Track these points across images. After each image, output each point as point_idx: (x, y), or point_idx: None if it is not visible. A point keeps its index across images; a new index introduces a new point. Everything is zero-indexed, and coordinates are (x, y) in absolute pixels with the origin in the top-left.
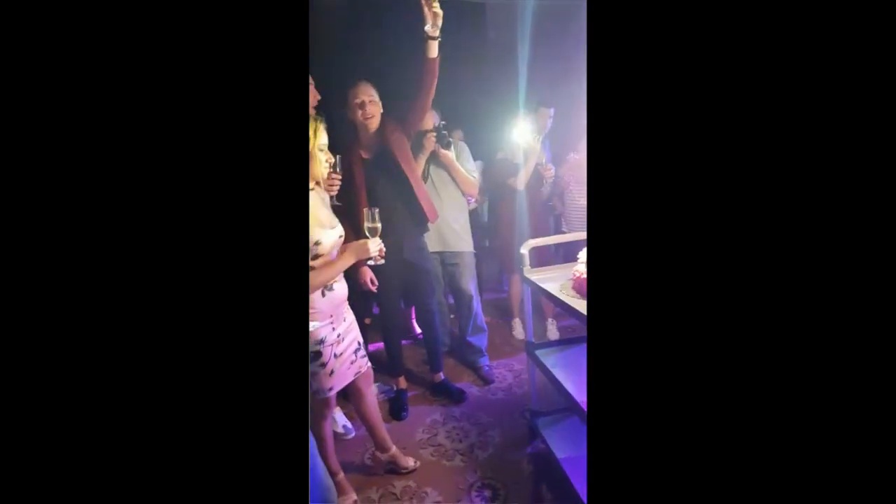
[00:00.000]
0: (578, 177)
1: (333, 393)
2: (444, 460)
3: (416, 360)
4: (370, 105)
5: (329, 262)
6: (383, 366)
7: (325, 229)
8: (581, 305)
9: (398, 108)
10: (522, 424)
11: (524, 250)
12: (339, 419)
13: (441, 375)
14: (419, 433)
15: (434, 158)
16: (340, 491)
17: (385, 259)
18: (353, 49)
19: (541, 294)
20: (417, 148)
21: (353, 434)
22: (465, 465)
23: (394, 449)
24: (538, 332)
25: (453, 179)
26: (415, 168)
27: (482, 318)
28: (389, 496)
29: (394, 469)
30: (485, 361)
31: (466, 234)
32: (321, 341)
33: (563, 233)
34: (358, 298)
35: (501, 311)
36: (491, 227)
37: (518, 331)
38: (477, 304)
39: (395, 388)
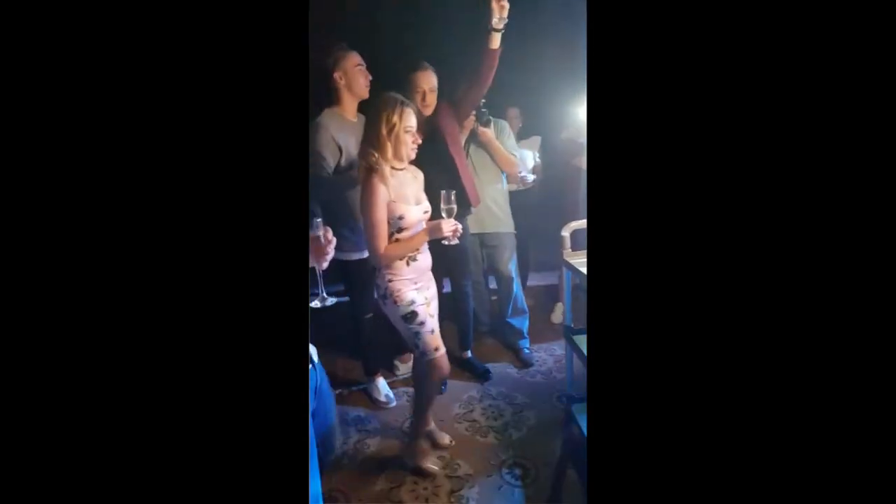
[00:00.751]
0: None
1: (442, 353)
2: (479, 436)
3: (455, 338)
4: (430, 95)
5: (409, 237)
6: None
7: (409, 205)
8: None
9: (452, 92)
10: (558, 409)
11: (565, 233)
12: (382, 388)
13: (468, 353)
14: (456, 408)
15: (474, 137)
16: (432, 443)
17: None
18: (411, 30)
19: (578, 277)
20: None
21: (394, 403)
22: (499, 443)
23: (432, 424)
24: (579, 317)
25: (493, 158)
26: (462, 154)
27: (523, 301)
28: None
29: (418, 471)
30: (524, 344)
31: (506, 215)
32: (412, 301)
33: None
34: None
35: (553, 295)
36: (548, 207)
37: (557, 315)
38: (517, 287)
39: None
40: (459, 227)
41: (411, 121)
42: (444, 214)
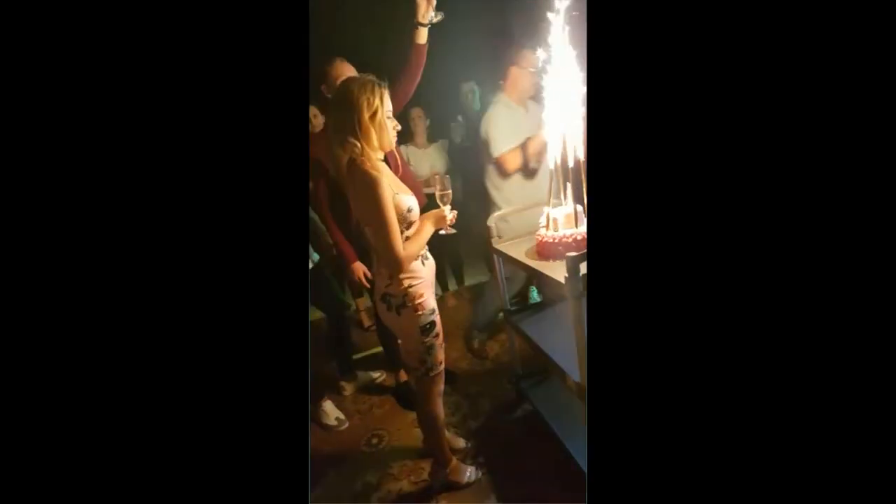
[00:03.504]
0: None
1: (443, 365)
2: None
3: None
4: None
5: (416, 231)
6: (382, 361)
7: (409, 195)
8: (542, 266)
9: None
10: (510, 390)
11: (491, 223)
12: (331, 411)
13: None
14: (412, 412)
15: None
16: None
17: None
18: (332, 22)
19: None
20: None
21: (346, 425)
22: (459, 437)
23: (454, 461)
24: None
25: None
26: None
27: None
28: (388, 476)
29: (452, 486)
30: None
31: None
32: (433, 311)
33: None
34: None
35: (481, 290)
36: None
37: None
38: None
39: (397, 381)
40: (454, 214)
41: (390, 104)
42: (440, 202)
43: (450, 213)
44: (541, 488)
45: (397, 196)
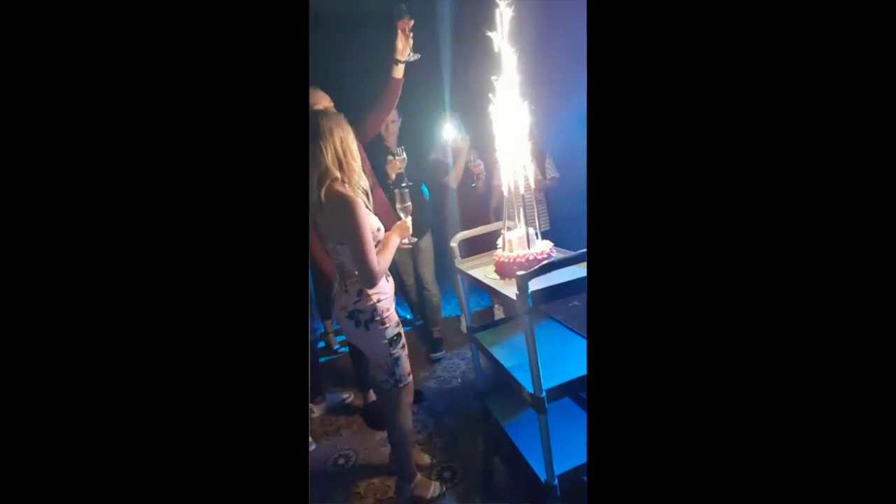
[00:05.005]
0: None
1: (411, 376)
2: None
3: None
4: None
5: (383, 246)
6: (349, 377)
7: (374, 216)
8: (500, 285)
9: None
10: (476, 407)
11: (454, 243)
12: None
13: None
14: (380, 432)
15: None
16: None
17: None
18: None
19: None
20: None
21: (313, 447)
22: (424, 454)
23: (418, 476)
24: (485, 317)
25: None
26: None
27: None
28: (355, 496)
29: (417, 501)
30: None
31: None
32: (398, 323)
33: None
34: None
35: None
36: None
37: (464, 323)
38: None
39: (365, 401)
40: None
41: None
42: (401, 214)
43: (410, 223)
44: (505, 501)
45: (370, 216)
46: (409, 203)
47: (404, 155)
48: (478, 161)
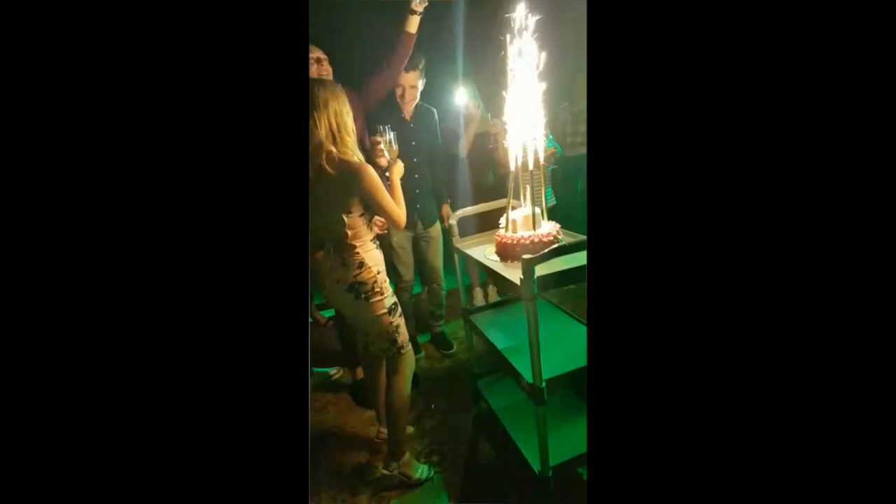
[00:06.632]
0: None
1: (409, 344)
2: None
3: None
4: (315, 64)
5: (392, 192)
6: (341, 359)
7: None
8: (500, 267)
9: (350, 77)
10: (467, 389)
11: (453, 221)
12: None
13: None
14: (368, 410)
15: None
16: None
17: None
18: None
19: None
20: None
21: None
22: (414, 434)
23: (407, 455)
24: (480, 297)
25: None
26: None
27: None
28: (341, 475)
29: (403, 481)
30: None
31: None
32: (393, 292)
33: None
34: None
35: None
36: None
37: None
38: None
39: (354, 378)
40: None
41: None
42: (386, 153)
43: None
44: (494, 488)
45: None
46: (397, 147)
47: (390, 136)
48: (495, 120)
